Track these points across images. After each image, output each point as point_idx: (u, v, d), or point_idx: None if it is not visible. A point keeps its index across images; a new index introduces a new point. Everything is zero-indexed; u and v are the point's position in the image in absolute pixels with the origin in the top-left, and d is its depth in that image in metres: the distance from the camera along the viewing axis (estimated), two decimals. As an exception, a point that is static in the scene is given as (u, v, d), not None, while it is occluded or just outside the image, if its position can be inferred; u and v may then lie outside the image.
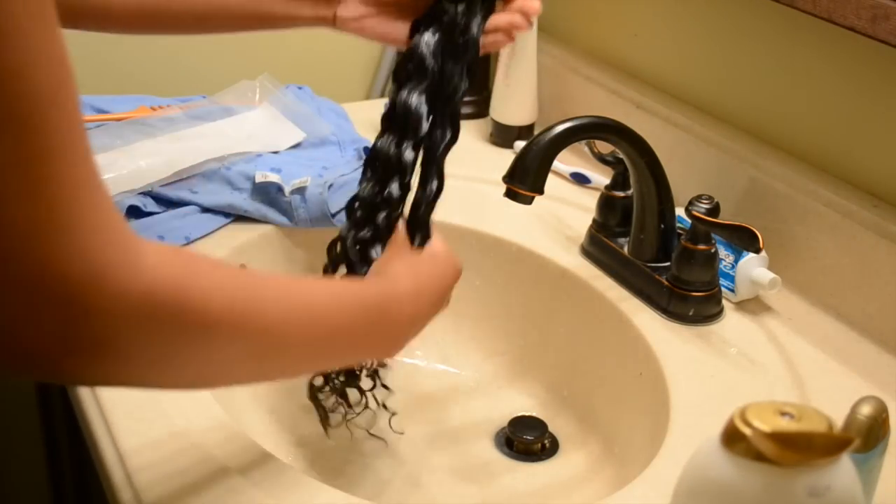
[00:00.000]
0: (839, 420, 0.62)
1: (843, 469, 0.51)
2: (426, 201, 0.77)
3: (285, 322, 0.58)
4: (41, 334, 0.45)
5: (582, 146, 1.00)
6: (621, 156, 0.93)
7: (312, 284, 0.64)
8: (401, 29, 0.82)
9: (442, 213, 0.79)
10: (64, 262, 0.45)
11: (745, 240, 0.84)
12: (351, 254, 0.79)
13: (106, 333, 0.47)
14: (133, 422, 0.74)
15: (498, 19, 0.81)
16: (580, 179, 1.12)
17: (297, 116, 1.14)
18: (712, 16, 1.02)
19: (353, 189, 1.04)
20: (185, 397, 0.76)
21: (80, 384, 0.63)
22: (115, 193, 0.96)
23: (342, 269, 0.81)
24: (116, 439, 0.72)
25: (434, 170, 0.77)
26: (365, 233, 0.79)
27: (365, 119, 1.23)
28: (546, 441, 0.92)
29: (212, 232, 0.98)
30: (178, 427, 0.73)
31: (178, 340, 0.51)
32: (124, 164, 1.00)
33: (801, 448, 0.49)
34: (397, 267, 0.73)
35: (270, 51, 1.31)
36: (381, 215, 0.78)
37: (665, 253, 0.92)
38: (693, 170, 1.01)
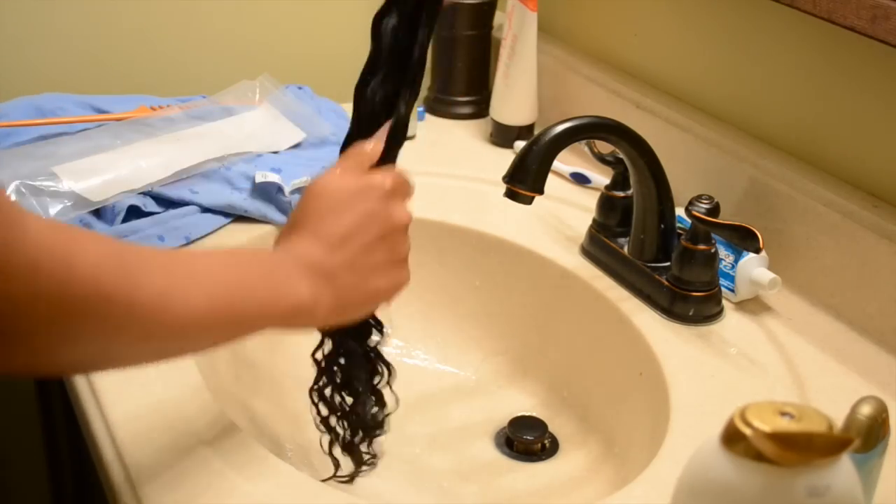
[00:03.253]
0: (839, 420, 0.62)
1: (843, 469, 0.51)
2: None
3: (179, 286, 0.56)
4: None
5: (582, 146, 1.00)
6: (621, 156, 0.93)
7: (197, 251, 0.61)
8: None
9: (442, 213, 0.79)
10: None
11: (745, 240, 0.84)
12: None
13: None
14: (132, 419, 0.74)
15: None
16: (580, 179, 1.12)
17: (297, 116, 1.14)
18: (712, 16, 1.02)
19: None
20: (185, 393, 0.76)
21: None
22: (115, 193, 0.96)
23: None
24: (116, 438, 0.72)
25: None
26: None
27: (365, 119, 1.23)
28: (546, 441, 0.92)
29: (212, 232, 0.98)
30: (177, 422, 0.73)
31: (69, 314, 0.49)
32: (124, 164, 1.00)
33: (801, 448, 0.49)
34: (299, 213, 0.68)
35: (270, 51, 1.31)
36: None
37: (665, 253, 0.92)
38: (693, 170, 1.01)
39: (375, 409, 0.80)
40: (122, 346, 0.55)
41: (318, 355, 0.78)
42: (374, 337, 0.78)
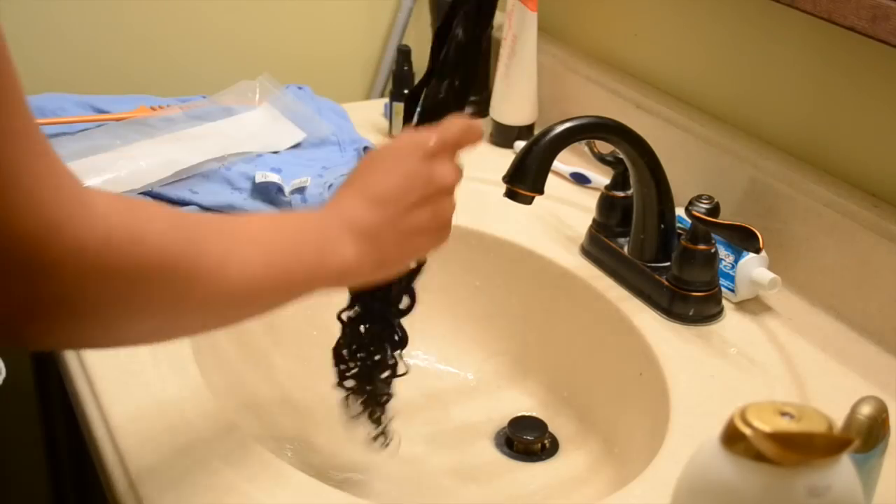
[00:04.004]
0: (839, 420, 0.62)
1: (843, 469, 0.51)
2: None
3: (237, 251, 0.56)
4: (7, 296, 0.44)
5: (582, 146, 1.00)
6: (621, 156, 0.93)
7: (249, 215, 0.61)
8: None
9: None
10: (15, 221, 0.43)
11: (745, 240, 0.84)
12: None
13: (68, 290, 0.45)
14: (132, 419, 0.74)
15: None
16: (580, 179, 1.12)
17: (297, 116, 1.14)
18: (712, 16, 1.02)
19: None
20: (185, 393, 0.76)
21: (44, 347, 0.61)
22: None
23: None
24: (116, 439, 0.72)
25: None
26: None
27: (365, 119, 1.23)
28: (546, 441, 0.92)
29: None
30: (177, 422, 0.73)
31: (142, 287, 0.49)
32: (124, 164, 1.00)
33: (801, 448, 0.49)
34: (352, 174, 0.69)
35: (270, 51, 1.31)
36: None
37: (665, 253, 0.92)
38: (693, 170, 1.01)
39: (388, 373, 0.81)
40: (185, 315, 0.55)
41: (344, 316, 0.78)
42: (405, 303, 0.78)
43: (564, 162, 1.11)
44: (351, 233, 0.65)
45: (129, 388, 0.77)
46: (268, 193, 1.01)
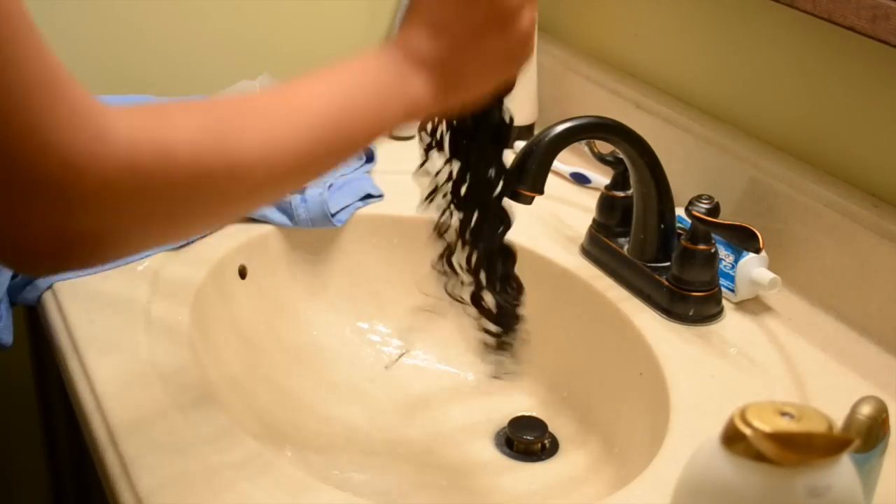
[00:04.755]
0: (839, 420, 0.62)
1: (843, 469, 0.51)
2: None
3: (278, 133, 0.54)
4: (40, 234, 0.44)
5: (582, 146, 1.00)
6: (621, 156, 0.93)
7: (304, 87, 0.59)
8: None
9: (442, 213, 0.79)
10: (40, 166, 0.43)
11: (745, 240, 0.84)
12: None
13: (103, 218, 0.46)
14: (132, 419, 0.74)
15: None
16: (580, 179, 1.12)
17: (297, 116, 1.14)
18: (712, 16, 1.02)
19: (353, 189, 1.05)
20: (186, 394, 0.76)
21: (83, 268, 0.60)
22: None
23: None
24: (116, 439, 0.72)
25: None
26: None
27: (365, 119, 1.22)
28: (546, 441, 0.92)
29: (212, 232, 0.98)
30: (178, 422, 0.73)
31: (175, 199, 0.49)
32: (124, 163, 1.00)
33: (801, 448, 0.49)
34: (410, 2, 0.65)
35: (270, 51, 1.31)
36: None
37: (665, 253, 0.92)
38: (693, 170, 1.01)
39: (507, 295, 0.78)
40: (233, 204, 0.55)
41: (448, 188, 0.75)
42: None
43: (564, 162, 1.11)
44: (416, 63, 0.62)
45: (130, 389, 0.77)
46: (268, 193, 1.01)
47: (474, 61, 0.64)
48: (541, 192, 0.86)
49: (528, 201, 0.87)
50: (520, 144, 1.17)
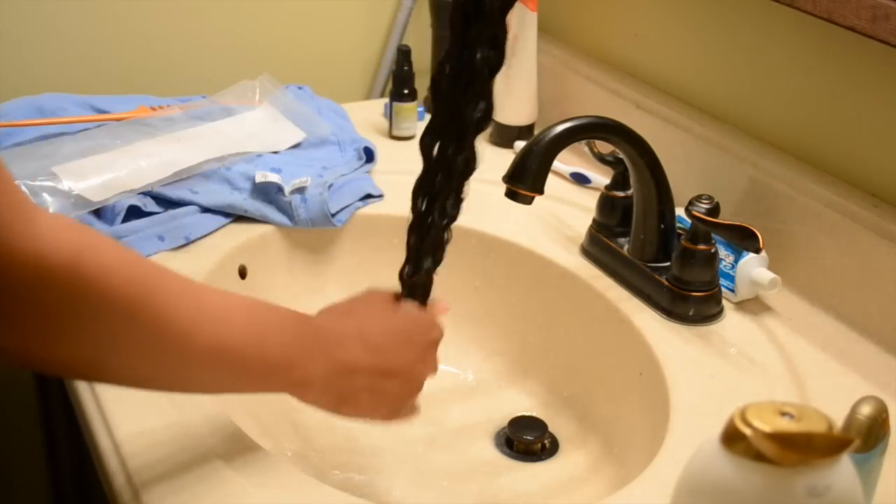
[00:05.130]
0: (839, 420, 0.62)
1: (843, 469, 0.51)
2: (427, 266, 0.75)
3: (190, 320, 0.55)
4: None
5: (582, 146, 1.00)
6: (621, 156, 0.93)
7: (227, 294, 0.61)
8: None
9: (442, 213, 0.79)
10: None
11: (745, 240, 0.84)
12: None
13: (7, 298, 0.46)
14: (133, 420, 0.74)
15: None
16: (580, 179, 1.12)
17: (297, 116, 1.14)
18: (712, 16, 1.02)
19: (353, 189, 1.05)
20: (186, 395, 0.76)
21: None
22: (115, 193, 0.96)
23: None
24: (115, 435, 0.72)
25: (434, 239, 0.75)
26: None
27: (365, 119, 1.23)
28: (546, 441, 0.92)
29: (212, 232, 0.98)
30: (175, 419, 0.73)
31: (70, 311, 0.49)
32: (124, 164, 1.00)
33: (801, 448, 0.49)
34: (354, 305, 0.71)
35: (270, 51, 1.31)
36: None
37: (665, 253, 0.92)
38: (693, 170, 1.01)
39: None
40: (131, 359, 0.55)
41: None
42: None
43: (564, 162, 1.11)
44: (329, 357, 0.66)
45: (131, 391, 0.77)
46: (268, 193, 1.01)
47: (371, 389, 0.68)
48: (541, 192, 0.86)
49: (528, 201, 0.87)
50: (520, 144, 1.18)
